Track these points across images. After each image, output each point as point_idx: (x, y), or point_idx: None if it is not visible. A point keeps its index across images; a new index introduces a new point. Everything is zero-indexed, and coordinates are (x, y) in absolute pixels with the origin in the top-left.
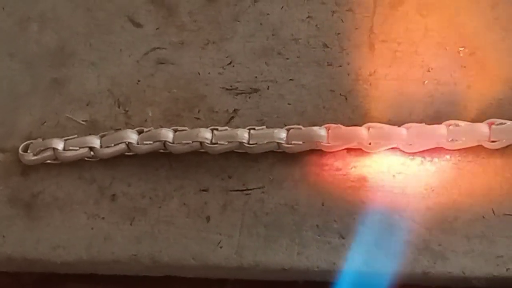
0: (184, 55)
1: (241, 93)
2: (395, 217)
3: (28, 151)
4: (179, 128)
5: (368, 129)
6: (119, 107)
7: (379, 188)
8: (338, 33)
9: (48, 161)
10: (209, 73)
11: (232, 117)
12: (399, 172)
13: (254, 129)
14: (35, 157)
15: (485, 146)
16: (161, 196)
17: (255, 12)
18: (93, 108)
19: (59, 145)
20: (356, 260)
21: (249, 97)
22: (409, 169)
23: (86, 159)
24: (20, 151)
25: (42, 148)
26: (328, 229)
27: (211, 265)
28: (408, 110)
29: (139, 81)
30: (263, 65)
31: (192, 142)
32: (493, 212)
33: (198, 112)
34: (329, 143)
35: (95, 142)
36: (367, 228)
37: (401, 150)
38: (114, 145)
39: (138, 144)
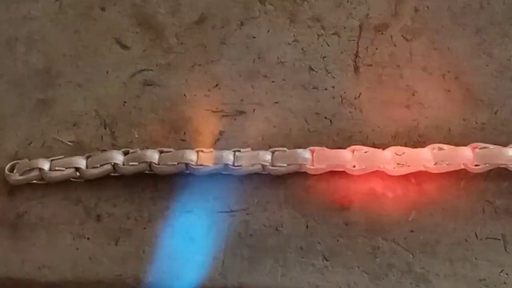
0: (171, 77)
1: (227, 116)
2: (378, 240)
3: (14, 171)
4: (165, 149)
5: (353, 152)
6: (105, 128)
7: (363, 210)
8: (324, 57)
9: (34, 181)
10: (195, 95)
11: (218, 139)
12: (383, 195)
13: (239, 151)
14: (21, 177)
15: (469, 169)
16: (146, 217)
17: (241, 35)
18: (79, 129)
19: (45, 165)
20: (339, 282)
21: (235, 120)
22: (393, 192)
23: (72, 179)
24: (6, 171)
25: (28, 168)
26: (312, 251)
27: (196, 286)
28: (393, 133)
29: (125, 102)
30: (249, 88)
31: (178, 163)
32: (476, 235)
33: (184, 134)
34: (313, 165)
35: (81, 162)
36: (350, 250)
37: (385, 173)
38: (100, 165)
39: (124, 165)
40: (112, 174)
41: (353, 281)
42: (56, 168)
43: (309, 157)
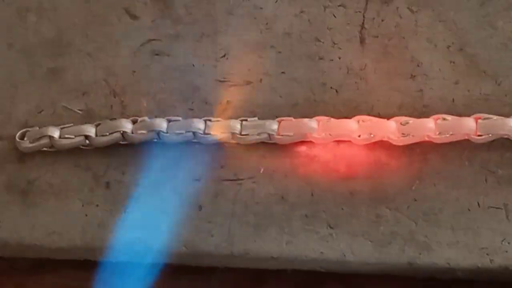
0: (179, 47)
1: (234, 85)
2: (382, 208)
3: (25, 139)
4: (173, 118)
5: (358, 121)
6: (114, 97)
7: (367, 179)
8: (330, 28)
9: (44, 149)
10: (203, 65)
11: (225, 109)
12: (387, 164)
13: (246, 120)
14: (32, 145)
15: (472, 140)
16: (154, 185)
17: (249, 6)
18: (89, 98)
19: (55, 133)
20: (343, 249)
21: (242, 89)
22: (398, 161)
23: (81, 147)
24: (17, 138)
25: (38, 136)
26: (317, 219)
27: (202, 253)
28: (398, 104)
29: (134, 72)
30: (256, 58)
31: (186, 132)
32: (478, 204)
33: (192, 103)
34: (319, 135)
35: (91, 130)
36: (354, 218)
37: (390, 143)
38: (109, 134)
39: (132, 133)
40: (121, 142)
41: (357, 248)
42: (66, 136)
43: (315, 127)
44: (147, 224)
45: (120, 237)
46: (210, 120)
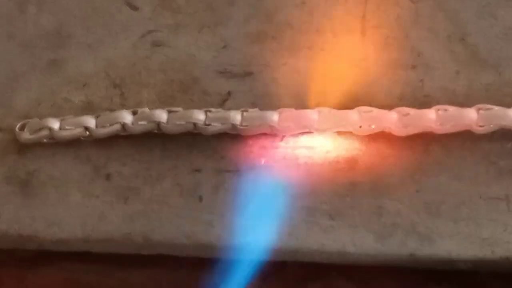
0: (180, 38)
1: (235, 76)
2: (383, 200)
3: (25, 130)
4: (173, 109)
5: (359, 112)
6: (115, 88)
7: (368, 170)
8: (331, 19)
9: (44, 140)
10: (203, 56)
11: (226, 99)
12: (389, 155)
13: (247, 111)
14: (32, 136)
15: (473, 130)
16: (155, 176)
17: None
18: (89, 89)
19: (55, 124)
20: (344, 241)
21: (243, 80)
22: (399, 152)
23: (81, 138)
24: (16, 130)
25: (38, 128)
26: (318, 210)
27: (203, 244)
28: (398, 94)
29: (134, 63)
30: (256, 49)
31: (186, 123)
32: (480, 195)
33: (192, 94)
34: (320, 126)
35: (91, 122)
36: (356, 210)
37: (391, 134)
38: (109, 125)
39: (133, 124)
40: (121, 134)
41: (358, 240)
42: (66, 127)
43: (316, 118)
44: (148, 215)
45: (121, 229)
46: (210, 111)
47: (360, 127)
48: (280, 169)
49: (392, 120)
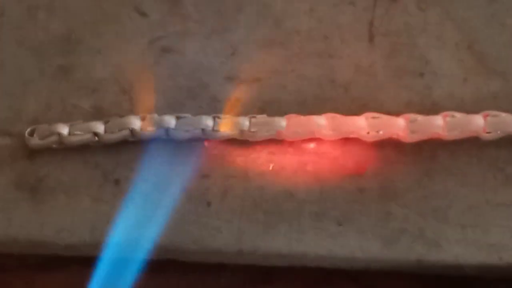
0: (188, 44)
1: (243, 83)
2: (391, 205)
3: (34, 136)
4: (182, 115)
5: (367, 119)
6: (124, 94)
7: (376, 176)
8: (339, 26)
9: (54, 146)
10: (212, 62)
11: (234, 106)
12: (396, 161)
13: (255, 117)
14: (41, 142)
15: (480, 137)
16: (163, 182)
17: (258, 4)
18: (98, 95)
19: (64, 130)
20: (352, 246)
21: (251, 87)
22: (406, 158)
23: (90, 144)
24: (26, 135)
25: (47, 133)
26: (326, 216)
27: (211, 250)
28: (406, 101)
29: (144, 69)
30: (265, 56)
31: (194, 129)
32: (487, 202)
33: (201, 100)
34: (328, 132)
35: (100, 127)
36: (364, 215)
37: (399, 140)
38: (118, 131)
39: (141, 130)
40: (130, 139)
41: (366, 245)
42: (75, 133)
43: (324, 124)
44: (156, 220)
45: (129, 234)
46: (218, 117)
47: (368, 133)
48: (288, 175)
49: (400, 126)
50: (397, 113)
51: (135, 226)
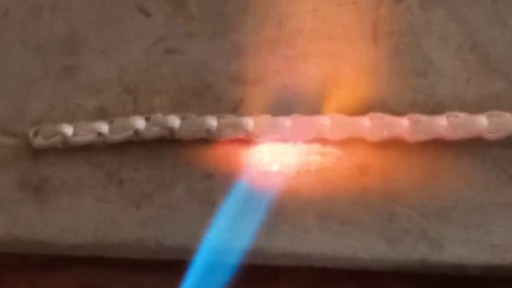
0: (192, 45)
1: (247, 83)
2: (395, 206)
3: (38, 136)
4: (186, 115)
5: (371, 119)
6: (128, 94)
7: (380, 176)
8: (343, 26)
9: (58, 146)
10: (216, 63)
11: (238, 106)
12: (400, 161)
13: (259, 117)
14: (45, 142)
15: (484, 137)
16: (167, 182)
17: (261, 4)
18: (102, 95)
19: (69, 130)
20: (356, 246)
21: (255, 87)
22: (410, 158)
23: (94, 144)
24: (30, 135)
25: (51, 133)
26: (330, 216)
27: (215, 250)
28: (410, 101)
29: (147, 69)
30: (268, 56)
31: (199, 129)
32: (490, 202)
33: (205, 100)
34: (332, 132)
35: (104, 128)
36: (367, 216)
37: (403, 140)
38: (122, 131)
39: (145, 130)
40: (134, 139)
41: (370, 245)
42: (79, 133)
43: (328, 124)
44: (160, 221)
45: (133, 234)
46: (223, 117)
47: (372, 133)
48: (292, 175)
49: (404, 126)
50: (401, 114)
51: (140, 226)
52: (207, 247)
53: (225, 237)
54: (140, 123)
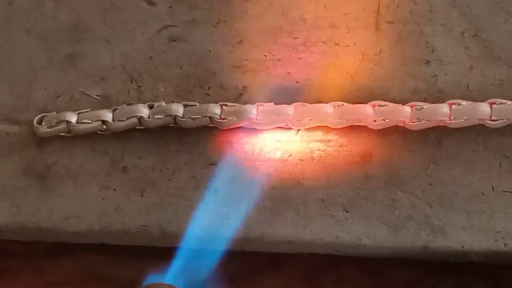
0: (196, 33)
1: (250, 71)
2: (397, 192)
3: (43, 124)
4: (189, 103)
5: (374, 106)
6: (131, 82)
7: (382, 163)
8: (346, 14)
9: (62, 134)
10: (219, 50)
11: (241, 94)
12: (402, 149)
13: (262, 105)
14: (49, 130)
15: (486, 125)
16: (171, 169)
17: None
18: (106, 83)
19: (73, 118)
20: (358, 233)
21: (258, 75)
22: (413, 146)
23: (98, 132)
24: (35, 123)
25: (56, 121)
26: (332, 203)
27: (218, 237)
28: (412, 89)
29: (151, 57)
30: (272, 44)
31: (202, 117)
32: (493, 189)
33: (209, 88)
34: (335, 119)
35: (108, 115)
36: (370, 202)
37: (405, 128)
38: (126, 119)
39: (149, 118)
40: (138, 127)
41: (372, 232)
42: (83, 121)
43: (331, 112)
44: (164, 208)
45: (137, 221)
46: (226, 105)
47: (375, 121)
48: (295, 163)
49: (406, 114)
50: (403, 101)
51: (144, 213)
52: (207, 233)
53: (226, 224)
54: (143, 111)
